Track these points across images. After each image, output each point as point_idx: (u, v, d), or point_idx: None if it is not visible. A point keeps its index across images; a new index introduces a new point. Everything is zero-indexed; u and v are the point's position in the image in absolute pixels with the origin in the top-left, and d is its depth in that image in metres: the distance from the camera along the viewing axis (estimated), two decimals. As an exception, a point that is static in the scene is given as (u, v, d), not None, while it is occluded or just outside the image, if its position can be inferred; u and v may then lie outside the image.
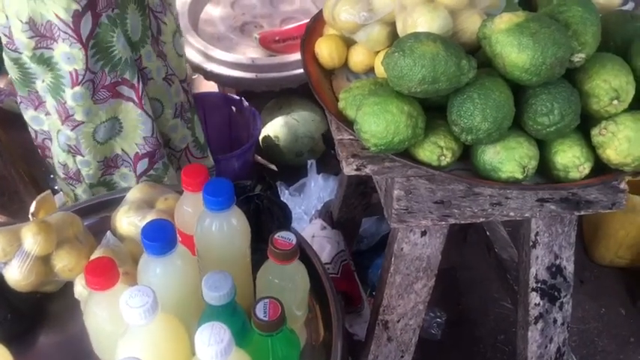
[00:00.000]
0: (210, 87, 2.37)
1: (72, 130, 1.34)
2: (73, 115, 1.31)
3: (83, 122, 1.33)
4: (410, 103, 0.90)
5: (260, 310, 0.83)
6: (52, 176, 1.86)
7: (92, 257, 1.03)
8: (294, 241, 0.92)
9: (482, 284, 1.93)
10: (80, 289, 1.02)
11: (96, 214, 1.23)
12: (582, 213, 1.09)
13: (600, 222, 1.93)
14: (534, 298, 1.25)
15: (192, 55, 2.10)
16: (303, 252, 1.14)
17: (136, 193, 1.17)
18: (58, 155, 1.43)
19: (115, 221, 1.13)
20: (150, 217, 1.07)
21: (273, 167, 2.26)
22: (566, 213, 1.09)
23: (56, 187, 1.85)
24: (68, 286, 1.07)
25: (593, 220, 1.98)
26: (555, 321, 1.28)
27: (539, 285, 1.23)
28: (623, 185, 1.06)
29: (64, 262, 1.05)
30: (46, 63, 1.24)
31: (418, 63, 0.86)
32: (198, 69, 2.12)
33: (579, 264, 1.98)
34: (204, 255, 0.97)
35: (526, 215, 1.08)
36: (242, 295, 0.97)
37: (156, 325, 0.77)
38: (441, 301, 1.84)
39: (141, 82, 1.34)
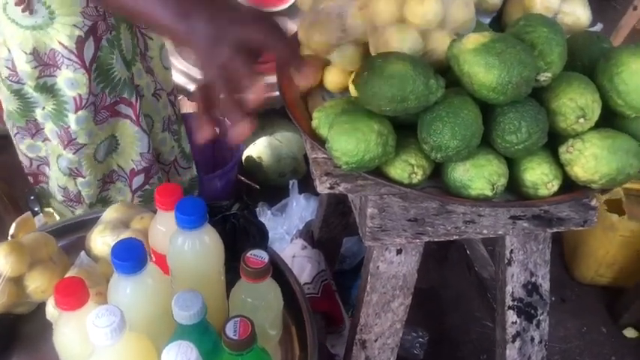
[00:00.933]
0: (195, 108, 2.38)
1: (74, 153, 1.35)
2: (76, 139, 1.32)
3: (85, 144, 1.34)
4: (380, 122, 0.91)
5: (230, 329, 0.83)
6: (32, 198, 1.86)
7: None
8: (266, 259, 0.92)
9: (463, 303, 1.93)
10: (52, 309, 1.01)
11: (72, 234, 1.23)
12: (555, 230, 1.10)
13: (580, 240, 1.94)
14: (511, 316, 1.25)
15: (175, 76, 2.10)
16: (279, 271, 1.14)
17: (111, 212, 1.16)
18: (57, 179, 1.44)
19: (89, 241, 1.13)
20: (124, 236, 1.07)
21: (256, 187, 2.27)
22: (539, 230, 1.10)
23: (36, 209, 1.84)
24: (41, 307, 1.06)
25: (573, 239, 2.00)
26: (533, 339, 1.28)
27: (515, 303, 1.24)
28: (594, 203, 1.07)
29: (36, 284, 1.04)
30: (49, 90, 1.25)
31: (387, 82, 0.88)
32: (182, 90, 2.13)
33: (560, 282, 2.00)
34: (177, 274, 0.97)
35: (499, 233, 1.09)
36: (215, 315, 0.97)
37: (123, 345, 0.77)
38: (423, 320, 1.84)
39: (138, 100, 1.36)
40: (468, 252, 1.70)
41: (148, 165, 1.47)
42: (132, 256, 0.84)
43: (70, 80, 1.24)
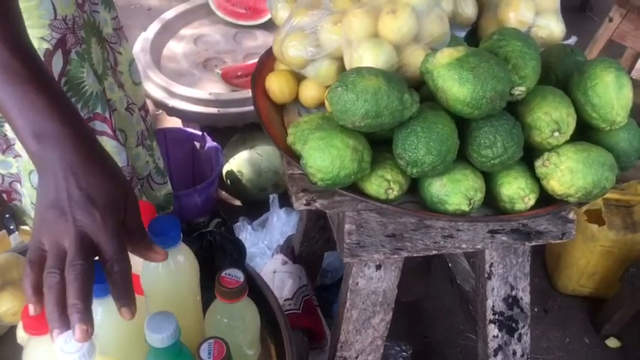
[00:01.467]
0: (173, 123, 2.37)
1: None
2: None
3: None
4: (355, 137, 0.91)
5: (204, 351, 0.81)
6: (7, 216, 1.82)
7: (37, 299, 1.00)
8: (242, 279, 0.90)
9: (447, 316, 1.92)
10: (22, 333, 0.98)
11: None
12: (533, 243, 1.10)
13: (562, 251, 1.95)
14: (492, 330, 1.24)
15: (154, 91, 2.09)
16: (257, 288, 1.13)
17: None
18: (30, 196, 1.40)
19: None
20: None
21: (237, 202, 2.25)
22: (518, 244, 1.09)
23: (12, 227, 1.81)
24: (13, 330, 1.03)
25: (555, 250, 2.00)
26: (515, 353, 1.27)
27: (496, 317, 1.23)
28: (572, 215, 1.07)
29: (7, 306, 1.02)
30: None
31: (361, 97, 0.87)
32: (160, 105, 2.11)
33: (543, 293, 2.00)
34: (151, 294, 0.95)
35: (478, 247, 1.09)
36: (191, 335, 0.95)
37: (93, 371, 0.75)
38: (406, 334, 1.83)
39: (111, 114, 1.34)
40: (450, 265, 1.69)
41: (129, 178, 1.45)
42: (102, 277, 0.82)
43: None
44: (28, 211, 1.48)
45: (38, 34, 1.14)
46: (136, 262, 0.95)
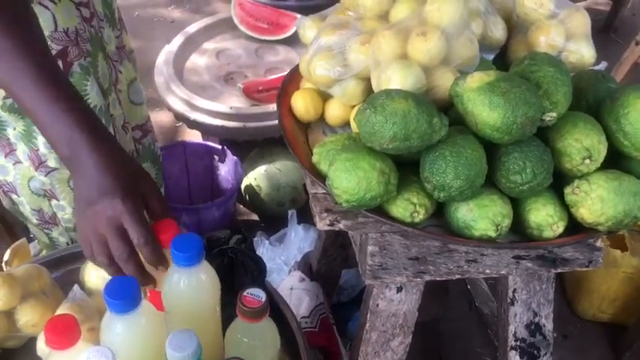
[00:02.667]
0: (194, 136, 2.38)
1: (45, 175, 1.32)
2: (45, 162, 1.29)
3: (57, 169, 1.31)
4: (382, 160, 0.90)
5: (225, 372, 0.80)
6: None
7: (58, 312, 1.00)
8: (264, 299, 0.89)
9: (464, 338, 1.89)
10: (42, 345, 0.98)
11: (65, 265, 1.20)
12: (559, 270, 1.08)
13: (582, 276, 1.92)
14: (513, 356, 1.22)
15: (175, 103, 2.10)
16: (276, 307, 1.12)
17: (107, 245, 1.14)
18: (29, 203, 1.41)
19: (83, 274, 1.10)
20: (119, 270, 1.04)
21: (255, 217, 2.25)
22: (543, 270, 1.07)
23: (32, 235, 1.82)
24: (32, 341, 1.03)
25: (575, 274, 1.97)
26: (535, 380, 1.25)
27: (518, 343, 1.21)
28: (599, 243, 1.05)
29: (27, 317, 1.02)
30: (18, 112, 1.23)
31: (390, 120, 0.86)
32: (182, 117, 2.12)
33: (562, 318, 1.96)
34: (172, 311, 0.94)
35: (502, 272, 1.07)
36: (211, 353, 0.94)
37: (114, 389, 0.74)
38: (421, 355, 1.80)
39: (114, 130, 1.34)
40: (468, 287, 1.67)
41: None
42: (125, 294, 0.81)
43: None
44: (29, 217, 1.48)
45: None
46: (159, 279, 0.95)
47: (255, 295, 0.90)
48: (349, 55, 1.05)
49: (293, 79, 1.20)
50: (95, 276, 1.07)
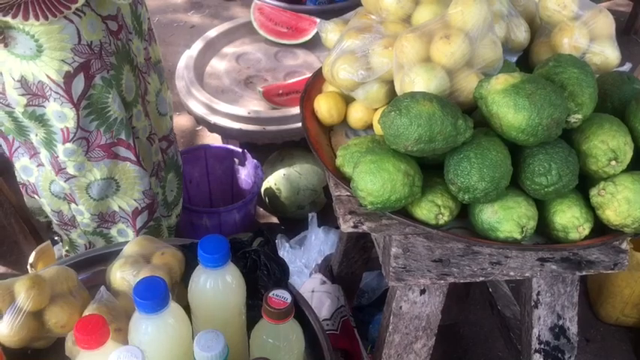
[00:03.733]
0: (214, 139, 2.40)
1: (65, 181, 1.35)
2: (65, 169, 1.32)
3: (75, 176, 1.34)
4: (407, 162, 0.90)
5: (252, 372, 0.81)
6: (51, 226, 1.86)
7: (85, 313, 1.01)
8: (289, 300, 0.90)
9: (486, 342, 1.88)
10: (71, 345, 1.00)
11: (92, 267, 1.22)
12: (584, 273, 1.07)
13: (605, 280, 1.90)
14: (537, 359, 1.21)
15: (196, 107, 2.12)
16: (299, 309, 1.12)
17: (133, 246, 1.16)
18: (50, 205, 1.43)
19: (109, 275, 1.12)
20: (144, 272, 1.06)
21: (275, 219, 2.26)
22: (568, 273, 1.07)
23: (56, 238, 1.85)
24: (60, 342, 1.05)
25: (598, 278, 1.95)
26: (560, 384, 1.24)
27: (542, 346, 1.20)
28: (624, 245, 1.04)
29: (56, 318, 1.03)
30: (39, 120, 1.25)
31: (414, 122, 0.87)
32: (202, 121, 2.14)
33: (585, 322, 1.94)
34: (198, 312, 0.96)
35: (526, 275, 1.07)
36: (236, 354, 0.95)
37: (144, 387, 0.75)
38: (443, 358, 1.79)
39: (134, 141, 1.36)
40: (490, 290, 1.66)
41: (151, 201, 1.47)
42: (154, 294, 0.83)
43: (57, 113, 1.23)
44: (51, 219, 1.51)
45: (59, 57, 1.16)
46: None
47: (280, 296, 0.90)
48: (372, 59, 1.06)
49: (316, 82, 1.20)
50: (120, 277, 1.09)
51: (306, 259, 1.92)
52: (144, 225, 1.50)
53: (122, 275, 1.09)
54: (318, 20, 2.42)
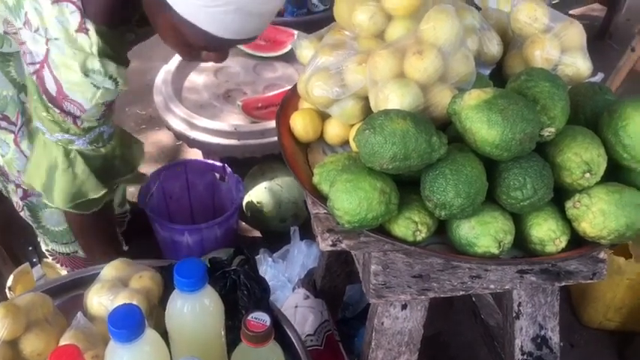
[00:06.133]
0: (194, 154, 2.38)
1: None
2: None
3: None
4: (383, 179, 0.90)
5: (232, 398, 0.80)
6: (30, 248, 1.83)
7: (62, 340, 1.00)
8: (268, 322, 0.89)
9: (470, 351, 1.88)
10: (47, 375, 0.98)
11: (69, 292, 1.20)
12: (563, 284, 1.08)
13: (587, 285, 1.91)
14: (521, 370, 1.21)
15: (175, 123, 2.11)
16: (281, 329, 1.11)
17: (110, 270, 1.14)
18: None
19: (86, 301, 1.10)
20: (122, 296, 1.04)
21: (257, 233, 2.25)
22: (547, 284, 1.07)
23: (34, 260, 1.82)
24: (36, 371, 1.03)
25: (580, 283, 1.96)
26: (544, 393, 1.24)
27: (525, 357, 1.20)
28: (603, 255, 1.05)
29: (32, 347, 1.01)
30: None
31: (389, 140, 0.86)
32: (182, 136, 2.12)
33: (568, 327, 1.95)
34: (176, 337, 0.94)
35: (507, 287, 1.07)
36: (216, 379, 0.94)
37: (120, 419, 0.74)
38: (428, 369, 1.79)
39: (21, 120, 1.38)
40: (473, 299, 1.66)
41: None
42: (129, 323, 0.81)
43: None
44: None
45: None
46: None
47: (259, 319, 0.89)
48: (346, 75, 1.06)
49: (291, 99, 1.20)
50: (97, 302, 1.07)
51: (289, 273, 1.91)
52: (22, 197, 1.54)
53: (99, 300, 1.07)
54: (296, 33, 2.42)
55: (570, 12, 3.13)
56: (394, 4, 1.04)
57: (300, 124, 1.13)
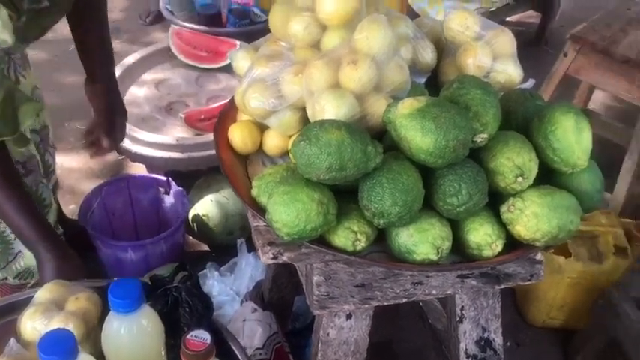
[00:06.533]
0: (137, 169, 2.33)
1: None
2: None
3: None
4: (320, 190, 0.90)
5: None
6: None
7: (-7, 369, 0.95)
8: (209, 341, 0.87)
9: (419, 355, 1.90)
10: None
11: (2, 317, 1.15)
12: (503, 286, 1.10)
13: (530, 284, 1.95)
14: (466, 373, 1.23)
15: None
16: (226, 345, 1.09)
17: (44, 293, 1.09)
18: None
19: (20, 325, 1.05)
20: (57, 320, 1.00)
21: (205, 247, 2.21)
22: (488, 287, 1.09)
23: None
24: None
25: (523, 283, 2.01)
26: (490, 394, 1.26)
27: (470, 360, 1.22)
28: (539, 256, 1.08)
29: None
30: None
31: (324, 151, 0.86)
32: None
33: (514, 326, 1.99)
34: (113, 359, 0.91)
35: (448, 292, 1.08)
36: (157, 401, 0.91)
37: None
38: (380, 377, 1.79)
39: None
40: (420, 304, 1.68)
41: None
42: (60, 349, 0.78)
43: None
44: None
45: None
46: None
47: (199, 337, 0.87)
48: (283, 86, 1.05)
49: (229, 111, 1.19)
50: (31, 327, 1.03)
51: (237, 286, 1.88)
52: None
53: (33, 325, 1.03)
54: (238, 43, 2.40)
55: (507, 19, 3.22)
56: (328, 14, 1.04)
57: (239, 136, 1.12)
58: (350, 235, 0.91)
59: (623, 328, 1.65)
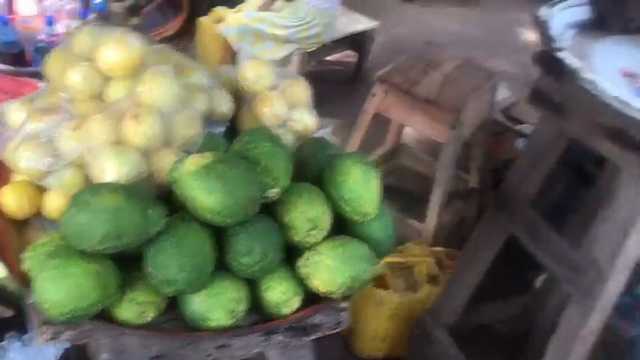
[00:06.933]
0: None
1: None
2: None
3: None
4: (97, 261, 0.81)
5: None
6: None
7: None
8: None
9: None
10: None
11: None
12: (312, 337, 1.08)
13: (354, 318, 1.98)
14: None
15: None
16: None
17: None
18: None
19: None
20: None
21: (9, 313, 1.96)
22: (296, 341, 1.06)
23: None
24: None
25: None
26: None
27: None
28: (343, 304, 1.07)
29: None
30: None
31: (98, 218, 0.78)
32: None
33: (340, 359, 2.00)
34: None
35: (256, 351, 1.03)
36: None
37: None
38: None
39: None
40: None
41: None
42: None
43: None
44: None
45: None
46: None
47: None
48: (60, 143, 0.95)
49: (1, 171, 1.05)
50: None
51: (43, 355, 1.68)
52: None
53: None
54: (42, 85, 2.20)
55: (327, 58, 3.33)
56: (108, 65, 0.97)
57: (13, 198, 0.99)
58: (134, 308, 0.83)
59: (437, 355, 1.73)
